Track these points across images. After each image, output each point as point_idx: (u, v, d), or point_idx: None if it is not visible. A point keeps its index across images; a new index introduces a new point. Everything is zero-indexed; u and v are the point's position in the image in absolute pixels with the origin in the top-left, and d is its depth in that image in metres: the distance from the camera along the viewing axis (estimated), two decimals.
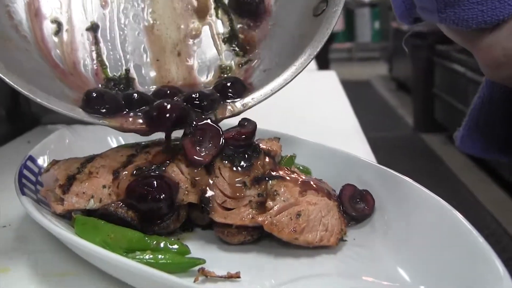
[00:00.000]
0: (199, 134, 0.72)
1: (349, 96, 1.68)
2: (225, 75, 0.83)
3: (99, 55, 0.81)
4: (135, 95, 0.76)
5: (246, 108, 0.78)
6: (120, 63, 0.82)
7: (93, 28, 0.82)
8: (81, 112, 0.72)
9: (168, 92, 0.80)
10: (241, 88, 0.79)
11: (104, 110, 0.73)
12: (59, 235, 0.63)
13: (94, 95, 0.74)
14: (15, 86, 0.68)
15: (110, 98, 0.75)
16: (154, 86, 0.82)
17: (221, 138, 0.72)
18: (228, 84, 0.79)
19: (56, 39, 0.79)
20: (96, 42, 0.81)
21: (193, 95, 0.76)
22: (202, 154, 0.71)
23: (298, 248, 0.69)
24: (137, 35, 0.84)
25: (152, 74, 0.83)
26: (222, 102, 0.78)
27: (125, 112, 0.74)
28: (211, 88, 0.80)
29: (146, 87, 0.82)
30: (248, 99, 0.79)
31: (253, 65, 0.83)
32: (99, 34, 0.82)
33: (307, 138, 0.93)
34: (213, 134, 0.72)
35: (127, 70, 0.82)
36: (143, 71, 0.83)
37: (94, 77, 0.80)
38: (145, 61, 0.83)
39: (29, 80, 0.69)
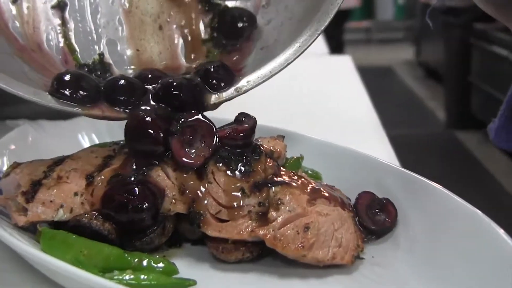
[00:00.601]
0: (189, 132, 0.73)
1: (367, 86, 1.69)
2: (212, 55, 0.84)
3: (67, 38, 0.82)
4: (121, 81, 0.76)
5: (240, 92, 0.78)
6: (90, 38, 0.83)
7: (60, 6, 0.82)
8: (47, 97, 0.72)
9: (150, 76, 0.80)
10: (227, 75, 0.79)
11: (78, 97, 0.73)
12: (22, 251, 0.63)
13: (68, 78, 0.74)
14: None
15: (88, 82, 0.75)
16: (133, 67, 0.83)
17: (215, 137, 0.73)
18: (212, 70, 0.79)
19: (14, 8, 0.79)
20: (63, 23, 0.82)
21: (171, 88, 0.76)
22: (193, 156, 0.72)
23: (306, 267, 0.70)
24: (111, 3, 0.84)
25: (129, 52, 0.84)
26: (205, 92, 0.78)
27: (103, 102, 0.75)
28: (192, 74, 0.80)
29: (125, 67, 0.83)
30: (242, 82, 0.79)
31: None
32: (66, 14, 0.82)
33: (316, 136, 0.94)
34: (205, 132, 0.73)
35: (101, 55, 0.83)
36: (118, 48, 0.84)
37: (63, 64, 0.80)
38: (120, 36, 0.84)
39: None
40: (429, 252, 0.70)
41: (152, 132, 0.72)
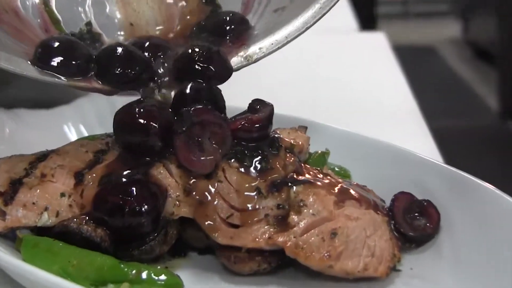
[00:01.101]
0: (197, 130, 0.72)
1: (405, 68, 1.69)
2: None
3: (47, 5, 0.82)
4: (119, 50, 0.77)
5: (250, 61, 0.79)
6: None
7: None
8: (25, 65, 0.72)
9: (148, 44, 0.81)
10: (220, 63, 0.79)
11: (67, 68, 0.74)
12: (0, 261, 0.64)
13: (56, 44, 0.74)
14: None
15: (79, 50, 0.76)
16: (123, 33, 0.84)
17: (228, 135, 0.73)
18: (204, 53, 0.79)
19: None
20: None
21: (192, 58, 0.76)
22: (202, 159, 0.72)
23: (333, 280, 0.70)
24: None
25: (120, 15, 0.85)
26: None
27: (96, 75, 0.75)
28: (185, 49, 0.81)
29: (116, 33, 0.84)
30: (254, 49, 0.80)
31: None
32: None
33: (344, 127, 0.94)
34: (216, 130, 0.73)
35: (89, 25, 0.83)
36: (107, 10, 0.85)
37: (44, 33, 0.81)
38: None
39: None
40: (477, 262, 0.70)
41: (145, 122, 0.72)
